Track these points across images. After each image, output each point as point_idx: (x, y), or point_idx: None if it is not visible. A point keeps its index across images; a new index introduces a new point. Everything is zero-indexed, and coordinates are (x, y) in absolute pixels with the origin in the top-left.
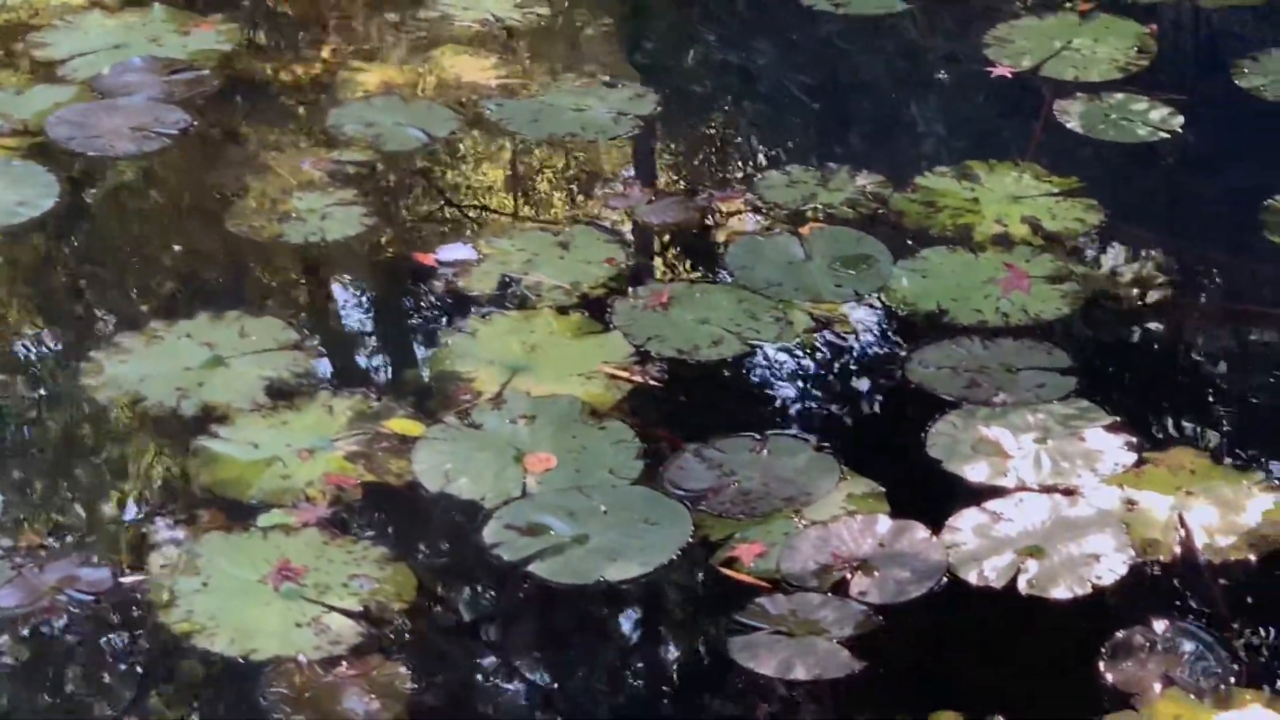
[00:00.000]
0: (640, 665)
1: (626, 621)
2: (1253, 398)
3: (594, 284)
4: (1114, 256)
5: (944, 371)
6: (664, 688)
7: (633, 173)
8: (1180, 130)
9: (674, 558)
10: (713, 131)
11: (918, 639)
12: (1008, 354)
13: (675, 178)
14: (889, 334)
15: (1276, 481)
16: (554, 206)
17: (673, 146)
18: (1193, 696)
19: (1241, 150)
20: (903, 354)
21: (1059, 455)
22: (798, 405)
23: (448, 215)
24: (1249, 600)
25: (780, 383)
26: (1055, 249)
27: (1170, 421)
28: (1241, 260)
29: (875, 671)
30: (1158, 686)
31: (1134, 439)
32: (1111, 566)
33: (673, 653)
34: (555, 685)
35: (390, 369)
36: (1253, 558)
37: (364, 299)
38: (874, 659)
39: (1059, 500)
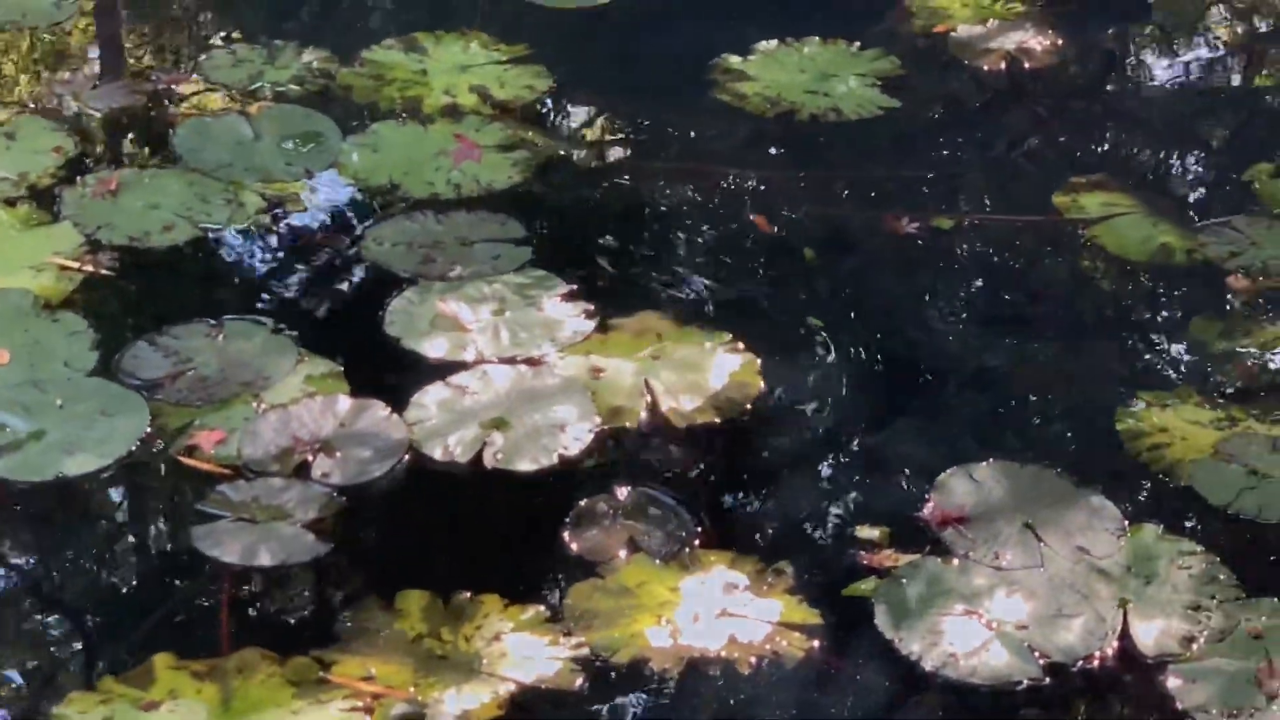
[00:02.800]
0: (103, 558)
1: (87, 515)
2: (712, 258)
3: (41, 174)
4: (566, 122)
5: (399, 247)
6: (129, 580)
7: (79, 59)
8: None
9: (133, 449)
10: (159, 14)
11: (383, 518)
12: (461, 226)
13: (123, 62)
14: (343, 211)
15: (740, 344)
16: None
17: (120, 30)
18: (657, 561)
19: (687, 9)
20: (357, 231)
21: (518, 326)
22: (253, 288)
23: None
24: (713, 463)
25: (234, 266)
26: (506, 117)
27: (633, 286)
28: (693, 119)
29: (341, 553)
30: (623, 553)
31: (591, 306)
32: (577, 435)
33: (135, 545)
34: (15, 583)
35: None
36: (717, 420)
37: None
38: (340, 541)
39: (525, 371)
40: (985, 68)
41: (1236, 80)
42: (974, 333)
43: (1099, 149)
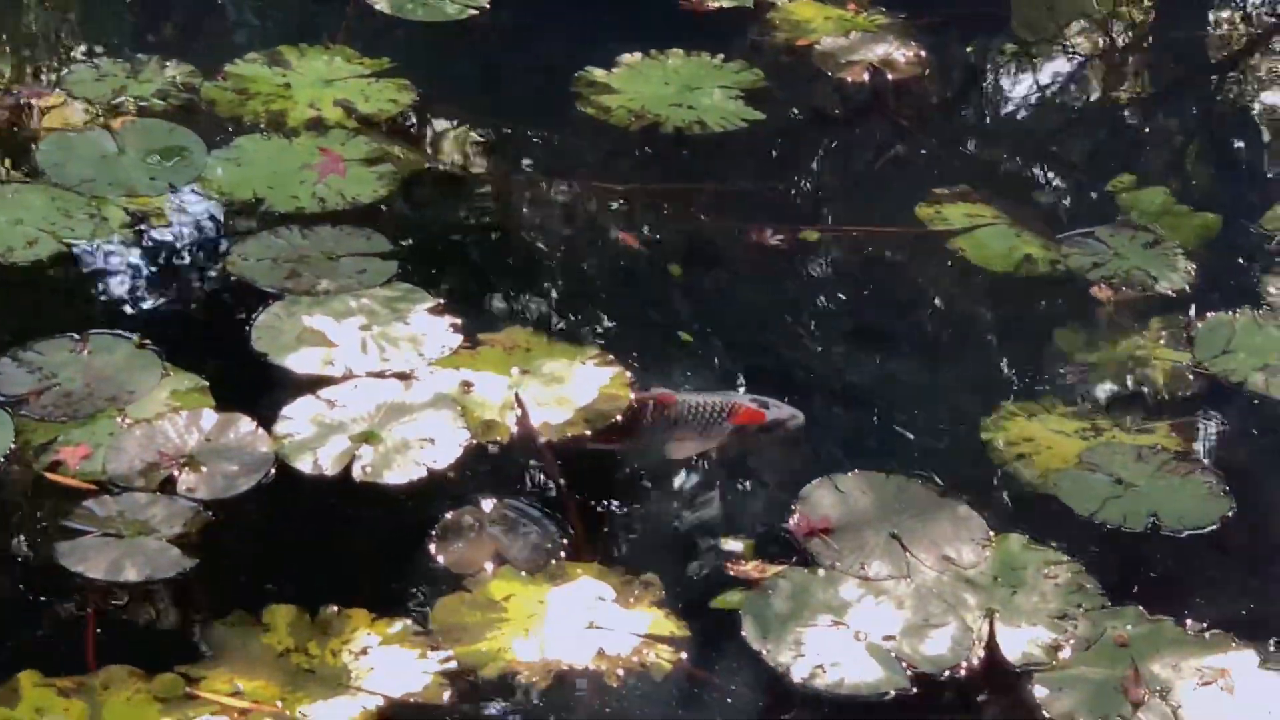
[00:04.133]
0: None
1: None
2: (579, 272)
3: None
4: (430, 135)
5: (264, 263)
6: None
7: None
8: (489, 6)
9: None
10: (19, 27)
11: (250, 532)
12: (327, 241)
13: None
14: (208, 226)
15: (610, 357)
16: None
17: None
18: (524, 573)
19: (551, 23)
20: (223, 246)
21: (385, 340)
22: (118, 302)
23: None
24: (582, 475)
25: (99, 281)
26: (370, 131)
27: (500, 300)
28: (557, 132)
29: (208, 568)
30: (489, 566)
31: (458, 320)
32: (446, 449)
33: None
34: None
35: None
36: (588, 431)
37: None
38: (206, 555)
39: (395, 385)
40: (848, 80)
41: (1096, 93)
42: (839, 344)
43: (962, 160)
